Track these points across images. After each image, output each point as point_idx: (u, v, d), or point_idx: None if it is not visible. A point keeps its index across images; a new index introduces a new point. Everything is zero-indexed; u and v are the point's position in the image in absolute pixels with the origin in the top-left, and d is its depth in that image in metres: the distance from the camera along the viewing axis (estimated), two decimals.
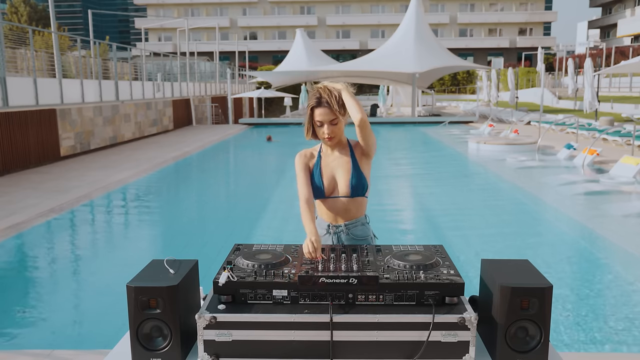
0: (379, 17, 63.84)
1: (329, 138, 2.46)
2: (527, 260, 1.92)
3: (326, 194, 2.52)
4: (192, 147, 15.79)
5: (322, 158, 2.56)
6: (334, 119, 2.44)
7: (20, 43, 14.78)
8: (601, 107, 23.69)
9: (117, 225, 7.87)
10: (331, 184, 2.52)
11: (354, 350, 1.67)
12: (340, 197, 2.51)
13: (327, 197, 2.52)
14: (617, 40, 53.66)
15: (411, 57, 26.33)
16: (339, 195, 2.51)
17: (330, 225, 2.55)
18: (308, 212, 2.35)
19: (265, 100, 35.08)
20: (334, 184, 2.52)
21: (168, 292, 1.68)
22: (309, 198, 2.44)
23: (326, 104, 2.43)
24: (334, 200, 2.52)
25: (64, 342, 4.02)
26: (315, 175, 2.53)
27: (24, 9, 48.85)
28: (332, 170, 2.53)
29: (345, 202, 2.51)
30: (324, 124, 2.45)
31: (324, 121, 2.44)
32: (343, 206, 2.52)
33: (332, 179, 2.52)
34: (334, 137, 2.47)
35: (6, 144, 10.76)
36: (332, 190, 2.52)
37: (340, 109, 2.44)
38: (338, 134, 2.49)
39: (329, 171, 2.53)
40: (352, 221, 2.55)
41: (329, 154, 2.56)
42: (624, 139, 13.99)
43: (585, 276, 5.46)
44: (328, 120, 2.44)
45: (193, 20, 51.93)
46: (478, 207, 8.55)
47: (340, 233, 2.54)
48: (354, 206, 2.53)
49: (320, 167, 2.54)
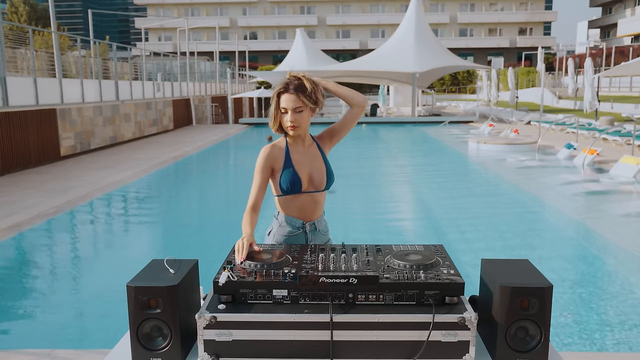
0: (379, 17, 63.84)
1: (292, 127, 2.34)
2: (527, 260, 1.92)
3: (302, 189, 2.43)
4: (192, 147, 15.79)
5: (292, 154, 2.43)
6: (299, 107, 2.32)
7: (20, 43, 14.79)
8: (601, 107, 23.69)
9: (117, 225, 7.87)
10: (306, 178, 2.44)
11: (354, 350, 1.67)
12: (316, 192, 2.46)
13: (302, 193, 2.44)
14: (617, 40, 53.66)
15: (411, 57, 26.33)
16: (315, 190, 2.46)
17: (305, 223, 2.47)
18: (250, 218, 2.29)
19: (265, 100, 35.07)
20: (310, 178, 2.44)
21: (168, 292, 1.68)
22: (257, 204, 2.35)
23: (293, 90, 2.31)
24: (308, 196, 2.45)
25: (64, 342, 4.02)
26: (289, 171, 2.40)
27: (23, 8, 48.84)
28: (305, 164, 2.44)
29: (318, 197, 2.47)
30: (287, 111, 2.33)
31: (288, 108, 2.32)
32: (316, 201, 2.47)
33: (307, 173, 2.44)
34: (297, 126, 2.34)
35: (6, 143, 10.76)
36: (307, 185, 2.44)
37: (312, 100, 2.33)
38: (302, 124, 2.35)
39: (302, 166, 2.43)
40: (320, 217, 2.53)
41: (298, 149, 2.45)
42: (624, 139, 13.99)
43: (585, 276, 5.46)
44: (292, 107, 2.31)
45: (193, 20, 51.92)
46: (478, 207, 8.55)
47: (313, 231, 2.49)
48: (323, 200, 2.52)
49: (292, 162, 2.41)
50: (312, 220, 2.49)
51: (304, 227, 2.48)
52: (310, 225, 2.49)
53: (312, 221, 2.49)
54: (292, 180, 2.39)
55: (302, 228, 2.47)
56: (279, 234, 2.51)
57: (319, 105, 2.40)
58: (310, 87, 2.33)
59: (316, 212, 2.49)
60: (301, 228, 2.47)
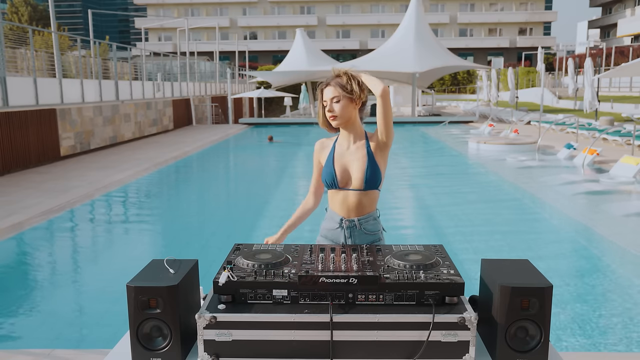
0: (379, 17, 63.84)
1: (331, 117, 2.42)
2: (527, 260, 1.92)
3: (339, 186, 2.47)
4: (192, 147, 15.79)
5: (336, 148, 2.52)
6: (335, 96, 2.40)
7: (20, 43, 14.78)
8: (601, 106, 23.70)
9: (117, 225, 7.87)
10: (345, 175, 2.46)
11: (354, 350, 1.67)
12: (354, 190, 2.46)
13: (340, 189, 2.47)
14: (617, 40, 53.67)
15: (411, 57, 26.33)
16: (353, 188, 2.46)
17: (343, 220, 2.49)
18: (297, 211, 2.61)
19: (265, 100, 35.08)
20: (348, 176, 2.46)
21: (168, 292, 1.68)
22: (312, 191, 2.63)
23: (334, 83, 2.42)
24: (346, 193, 2.47)
25: (64, 342, 4.02)
26: (328, 166, 2.49)
27: (24, 8, 48.85)
28: (346, 161, 2.47)
29: (359, 195, 2.46)
30: (327, 103, 2.43)
31: (326, 99, 2.42)
32: (356, 199, 2.46)
33: (346, 170, 2.47)
34: (335, 115, 2.41)
35: (6, 143, 10.76)
36: (345, 182, 2.47)
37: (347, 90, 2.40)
38: (342, 114, 2.41)
39: (342, 162, 2.47)
40: (365, 216, 2.49)
41: (344, 145, 2.51)
42: (624, 139, 13.99)
43: (585, 276, 5.46)
44: (329, 97, 2.41)
45: (193, 20, 51.93)
46: (478, 207, 8.55)
47: (352, 228, 2.49)
48: (367, 200, 2.48)
49: (333, 157, 2.49)
50: (352, 218, 2.49)
51: (342, 223, 2.50)
52: (349, 222, 2.48)
53: (352, 218, 2.49)
54: (327, 175, 2.48)
55: (340, 224, 2.50)
56: (323, 227, 2.60)
57: (355, 95, 2.42)
58: (346, 78, 2.42)
59: (357, 209, 2.48)
60: (339, 223, 2.51)
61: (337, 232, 2.52)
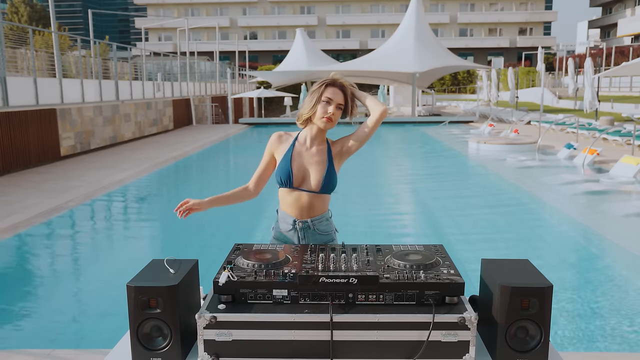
0: (379, 16, 63.83)
1: (329, 118, 2.39)
2: (527, 260, 1.92)
3: (294, 185, 2.45)
4: (192, 147, 15.79)
5: (295, 147, 2.48)
6: (341, 104, 2.42)
7: (20, 43, 14.78)
8: (601, 106, 23.69)
9: (117, 225, 7.87)
10: (301, 175, 2.45)
11: (354, 350, 1.67)
12: (308, 192, 2.46)
13: (294, 189, 2.46)
14: (617, 40, 53.66)
15: (411, 57, 26.32)
16: (307, 189, 2.46)
17: (297, 221, 2.49)
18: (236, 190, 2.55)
19: (265, 100, 35.09)
20: (304, 176, 2.45)
21: (168, 292, 1.68)
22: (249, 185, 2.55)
23: (341, 87, 2.43)
24: (300, 194, 2.46)
25: (64, 342, 4.02)
26: (285, 162, 2.45)
27: (24, 9, 48.84)
28: (304, 161, 2.46)
29: (312, 197, 2.46)
30: (332, 103, 2.40)
31: (334, 100, 2.40)
32: (309, 201, 2.47)
33: (303, 171, 2.45)
34: (333, 120, 2.41)
35: (6, 143, 10.76)
36: (300, 182, 2.46)
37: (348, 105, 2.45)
38: (335, 120, 2.43)
39: (300, 162, 2.46)
40: (318, 217, 2.50)
41: (305, 145, 2.49)
42: (624, 139, 13.99)
43: (585, 276, 5.46)
44: (336, 101, 2.40)
45: (193, 20, 51.92)
46: (478, 207, 8.55)
47: (306, 229, 2.49)
48: (320, 202, 2.49)
49: (291, 155, 2.46)
50: (305, 219, 2.49)
51: (295, 225, 2.49)
52: (302, 222, 2.49)
53: (305, 219, 2.49)
54: (283, 172, 2.44)
55: (294, 225, 2.50)
56: (276, 229, 2.58)
57: (347, 113, 2.49)
58: (350, 94, 2.46)
59: (310, 211, 2.49)
60: (292, 225, 2.50)
61: (290, 234, 2.52)
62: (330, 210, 2.58)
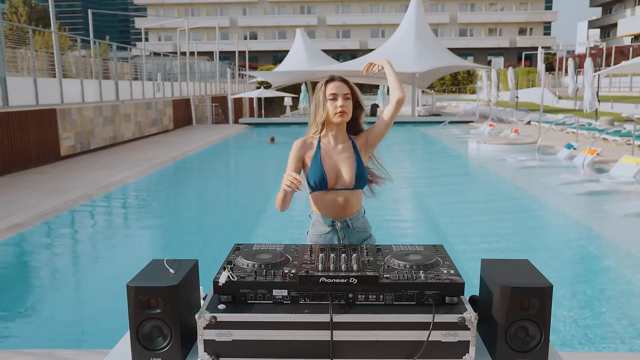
0: (379, 17, 63.83)
1: (341, 112, 2.38)
2: (527, 260, 1.92)
3: (329, 186, 2.44)
4: (192, 147, 15.79)
5: (322, 148, 2.47)
6: (347, 93, 2.40)
7: (20, 43, 14.78)
8: (601, 106, 23.69)
9: (117, 225, 7.87)
10: (334, 175, 2.44)
11: (354, 350, 1.67)
12: (343, 190, 2.44)
13: (329, 190, 2.45)
14: (617, 40, 53.67)
15: (411, 57, 26.31)
16: (342, 188, 2.44)
17: (335, 221, 2.47)
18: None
19: (265, 100, 35.09)
20: (337, 175, 2.44)
21: (168, 292, 1.68)
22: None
23: (340, 79, 2.43)
24: (336, 193, 2.45)
25: (64, 342, 4.02)
26: (316, 166, 2.43)
27: (23, 9, 48.84)
28: (334, 161, 2.45)
29: (348, 195, 2.45)
30: (337, 97, 2.39)
31: (338, 93, 2.39)
32: (345, 199, 2.45)
33: (335, 170, 2.44)
34: (346, 112, 2.39)
35: (6, 143, 10.76)
36: (334, 182, 2.44)
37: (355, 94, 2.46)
38: (349, 111, 2.41)
39: (331, 162, 2.44)
40: (355, 214, 2.49)
41: (330, 144, 2.48)
42: (624, 139, 13.99)
43: (585, 276, 5.46)
44: (342, 92, 2.39)
45: (193, 20, 51.92)
46: (478, 207, 8.55)
47: (346, 228, 2.48)
48: (355, 198, 2.48)
49: (320, 157, 2.44)
50: (343, 218, 2.48)
51: (334, 225, 2.48)
52: (341, 222, 2.48)
53: (343, 218, 2.48)
54: (317, 175, 2.42)
55: (333, 226, 2.48)
56: (312, 233, 2.55)
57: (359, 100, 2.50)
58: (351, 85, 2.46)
59: (347, 209, 2.47)
60: (331, 226, 2.48)
61: (329, 236, 2.50)
62: (363, 207, 2.57)
